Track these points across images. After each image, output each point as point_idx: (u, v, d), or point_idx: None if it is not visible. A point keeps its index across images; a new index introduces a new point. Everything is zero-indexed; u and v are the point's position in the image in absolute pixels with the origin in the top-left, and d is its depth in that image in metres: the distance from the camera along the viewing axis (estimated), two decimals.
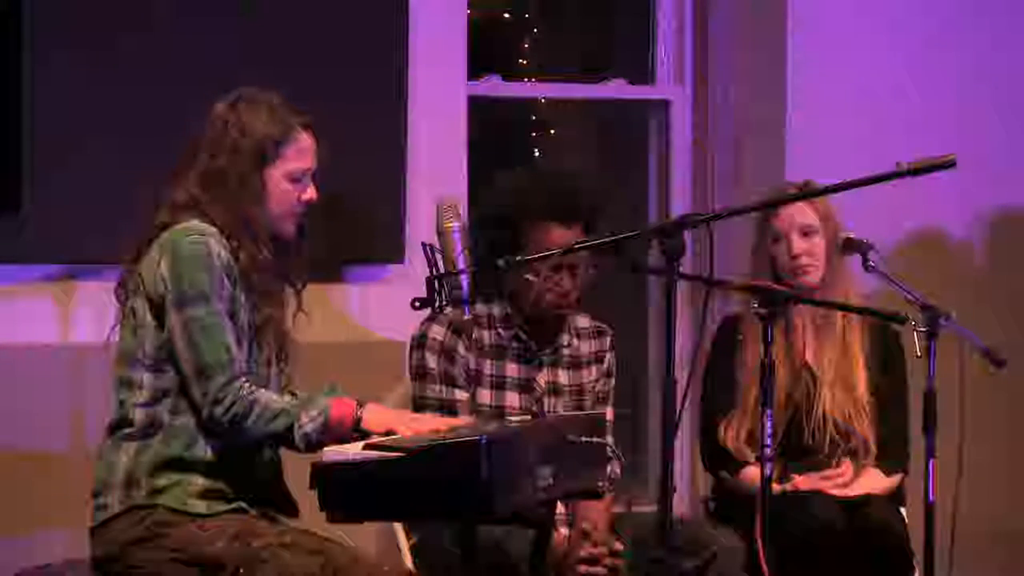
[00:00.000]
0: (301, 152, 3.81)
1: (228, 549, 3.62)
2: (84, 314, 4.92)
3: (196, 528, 3.65)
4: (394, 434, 3.64)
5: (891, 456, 4.62)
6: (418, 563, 4.17)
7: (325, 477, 3.40)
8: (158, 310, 3.69)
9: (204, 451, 3.70)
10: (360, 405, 3.68)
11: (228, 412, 3.62)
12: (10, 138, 4.87)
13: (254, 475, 3.76)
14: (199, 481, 3.69)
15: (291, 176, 3.80)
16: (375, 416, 3.68)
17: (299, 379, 3.95)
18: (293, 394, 3.77)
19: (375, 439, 3.58)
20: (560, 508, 4.16)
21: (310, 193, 3.84)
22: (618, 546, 4.14)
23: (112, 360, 3.78)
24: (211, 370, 3.63)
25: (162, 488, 3.68)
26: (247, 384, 3.64)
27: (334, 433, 3.62)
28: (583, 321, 4.44)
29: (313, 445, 3.63)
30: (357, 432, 3.64)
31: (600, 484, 3.91)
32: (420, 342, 4.26)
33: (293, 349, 3.90)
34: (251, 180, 3.76)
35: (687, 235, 3.57)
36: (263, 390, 3.67)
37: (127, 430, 3.72)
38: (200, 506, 3.68)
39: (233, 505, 3.71)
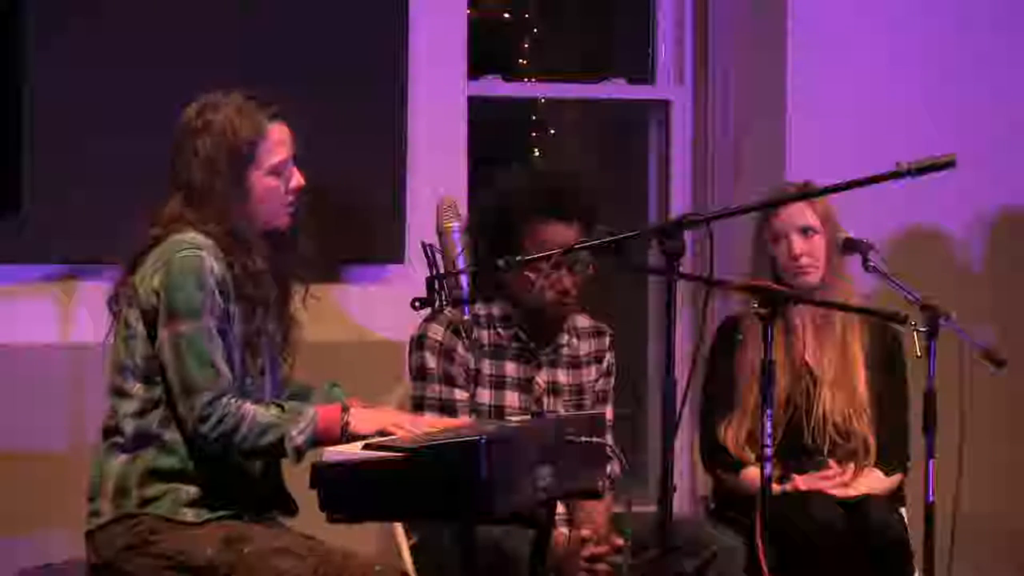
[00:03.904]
0: (276, 145, 3.77)
1: (219, 556, 3.61)
2: (84, 314, 4.92)
3: (187, 535, 3.64)
4: (386, 435, 3.64)
5: (891, 456, 4.62)
6: (418, 563, 4.17)
7: (325, 477, 3.40)
8: (150, 322, 3.67)
9: (195, 462, 3.68)
10: (345, 410, 3.68)
11: (215, 429, 3.61)
12: (10, 138, 4.87)
13: (249, 479, 3.74)
14: (190, 490, 3.68)
15: (273, 171, 3.77)
16: (361, 419, 3.68)
17: (299, 380, 3.95)
18: (280, 406, 3.74)
19: (374, 440, 3.58)
20: (560, 508, 4.16)
21: (296, 180, 3.80)
22: (619, 541, 4.14)
23: (107, 367, 3.78)
24: (197, 387, 3.61)
25: (153, 497, 3.67)
26: (234, 400, 3.63)
27: (324, 442, 3.62)
28: (582, 321, 4.44)
29: (303, 456, 3.63)
30: (346, 438, 3.64)
31: (600, 484, 3.91)
32: (419, 342, 4.26)
33: (297, 338, 3.89)
34: (233, 188, 3.72)
35: (687, 235, 3.57)
36: (249, 404, 3.65)
37: (118, 439, 3.71)
38: (191, 514, 3.67)
39: (224, 512, 3.69)
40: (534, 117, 6.05)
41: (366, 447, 3.46)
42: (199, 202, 3.72)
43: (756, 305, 3.84)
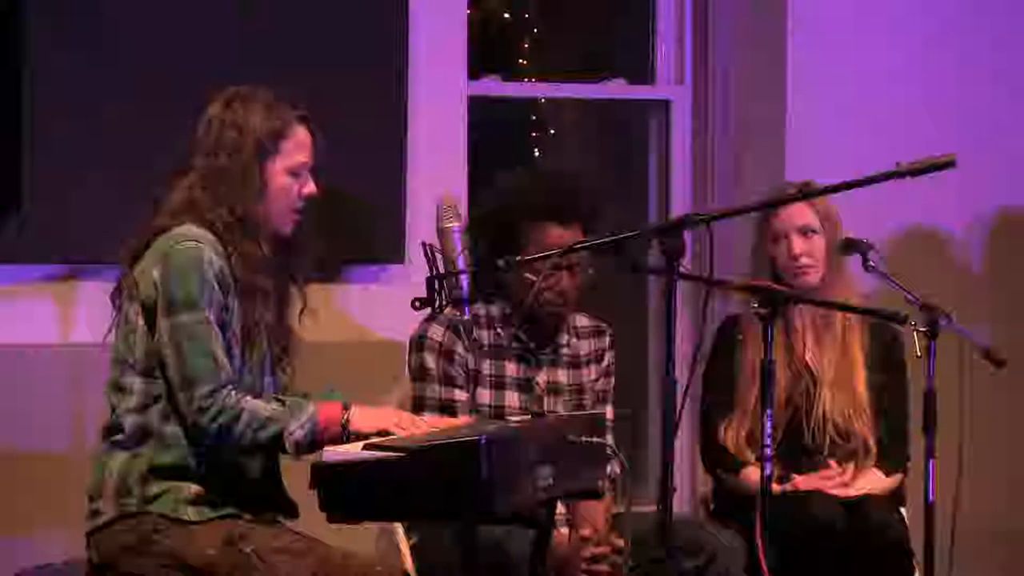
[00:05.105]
0: (300, 146, 3.80)
1: (220, 555, 3.61)
2: (84, 314, 4.92)
3: (188, 535, 3.64)
4: (386, 434, 3.64)
5: (891, 456, 4.62)
6: (418, 563, 4.17)
7: (325, 477, 3.40)
8: (149, 315, 3.67)
9: (196, 458, 3.68)
10: (346, 407, 3.68)
11: (214, 421, 3.60)
12: (10, 138, 4.87)
13: (249, 479, 3.74)
14: (191, 488, 3.67)
15: (291, 170, 3.79)
16: (362, 418, 3.68)
17: (300, 380, 3.95)
18: (280, 400, 3.75)
19: (374, 439, 3.58)
20: (560, 508, 4.16)
21: (310, 187, 3.82)
22: (619, 542, 4.15)
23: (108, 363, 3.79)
24: (196, 379, 3.61)
25: (154, 496, 3.67)
26: (234, 393, 3.62)
27: (324, 438, 3.62)
28: (582, 320, 4.44)
29: (303, 451, 3.63)
30: (346, 435, 3.64)
31: (600, 484, 3.91)
32: (419, 342, 4.26)
33: (295, 350, 3.89)
34: (252, 177, 3.75)
35: (687, 235, 3.57)
36: (249, 398, 3.65)
37: (118, 437, 3.71)
38: (192, 513, 3.66)
39: (225, 511, 3.69)
40: (534, 117, 6.06)
41: (366, 447, 3.46)
42: (215, 184, 3.73)
43: (756, 305, 3.84)
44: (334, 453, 3.45)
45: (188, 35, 4.98)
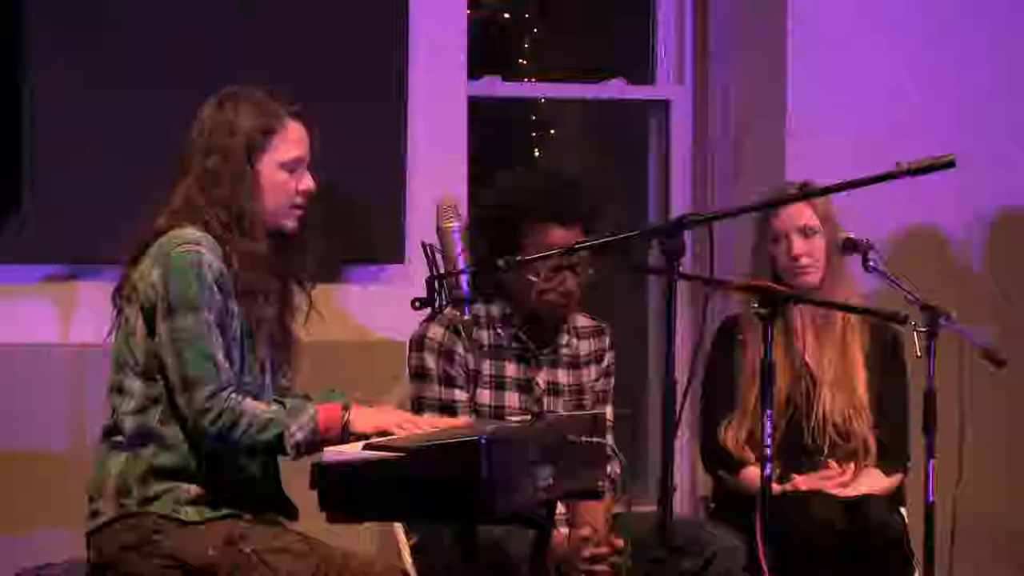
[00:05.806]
0: (291, 141, 3.79)
1: (220, 555, 3.61)
2: (84, 314, 4.92)
3: (188, 535, 3.64)
4: (386, 434, 3.64)
5: (891, 456, 4.62)
6: (418, 563, 4.17)
7: (325, 477, 3.40)
8: (148, 319, 3.67)
9: (196, 459, 3.68)
10: (346, 408, 3.68)
11: (215, 424, 3.60)
12: (10, 138, 4.87)
13: (248, 480, 3.74)
14: (191, 488, 3.67)
15: (284, 166, 3.78)
16: (361, 418, 3.67)
17: (299, 380, 3.94)
18: (280, 402, 3.75)
19: (374, 440, 3.58)
20: (560, 508, 4.16)
21: (307, 183, 3.81)
22: (619, 543, 4.15)
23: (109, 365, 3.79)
24: (196, 381, 3.61)
25: (153, 496, 3.67)
26: (234, 395, 3.62)
27: (324, 439, 3.62)
28: (582, 320, 4.44)
29: (303, 453, 3.63)
30: (346, 436, 3.64)
31: (600, 484, 3.91)
32: (419, 343, 4.26)
33: (296, 352, 3.89)
34: (245, 176, 3.74)
35: (687, 235, 3.57)
36: (250, 400, 3.65)
37: (118, 438, 3.71)
38: (192, 513, 3.66)
39: (225, 511, 3.69)
40: (534, 117, 6.06)
41: (366, 447, 3.46)
42: (211, 185, 3.73)
43: (756, 305, 3.84)
44: (334, 453, 3.45)
45: (188, 35, 4.98)
